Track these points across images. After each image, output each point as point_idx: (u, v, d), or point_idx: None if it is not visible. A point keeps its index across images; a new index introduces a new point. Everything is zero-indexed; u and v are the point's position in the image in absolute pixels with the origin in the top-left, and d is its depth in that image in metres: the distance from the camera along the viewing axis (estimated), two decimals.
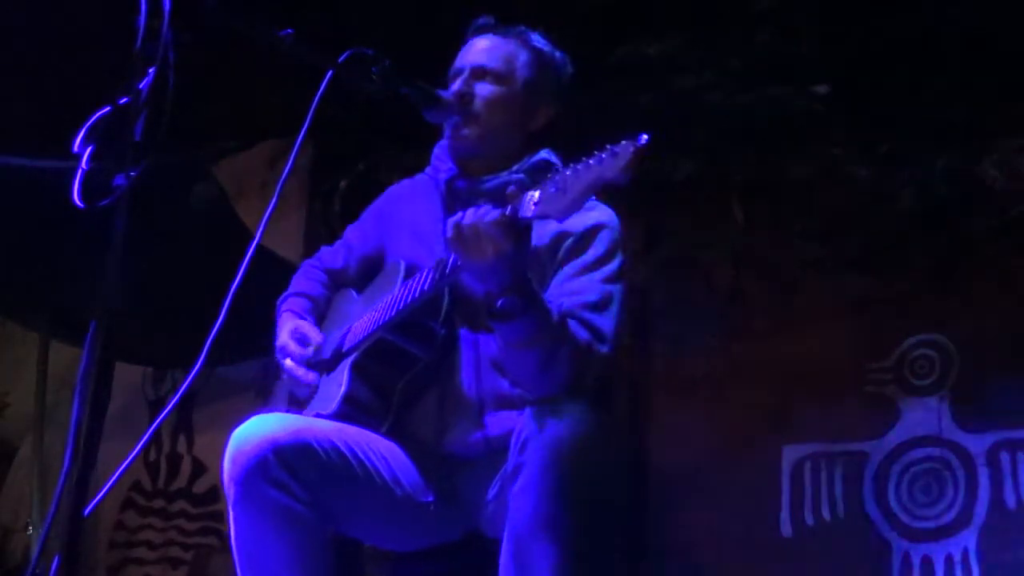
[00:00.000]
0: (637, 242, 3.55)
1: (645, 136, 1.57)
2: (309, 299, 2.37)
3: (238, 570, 1.92)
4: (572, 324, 1.93)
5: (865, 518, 3.29)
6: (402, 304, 2.01)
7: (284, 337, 2.24)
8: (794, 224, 3.52)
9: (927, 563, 3.15)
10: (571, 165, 1.65)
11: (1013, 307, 3.22)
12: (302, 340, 2.22)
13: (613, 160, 1.59)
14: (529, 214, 1.71)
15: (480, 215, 1.76)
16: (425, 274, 1.99)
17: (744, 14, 3.38)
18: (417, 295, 1.98)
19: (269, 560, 1.89)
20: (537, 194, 1.70)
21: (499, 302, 1.82)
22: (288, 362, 2.19)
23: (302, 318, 2.30)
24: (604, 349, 1.95)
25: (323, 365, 2.18)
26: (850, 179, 3.25)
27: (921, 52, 3.29)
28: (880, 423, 3.36)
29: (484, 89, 2.18)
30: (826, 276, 3.52)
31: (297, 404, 2.23)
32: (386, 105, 2.13)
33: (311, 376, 2.16)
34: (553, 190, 1.66)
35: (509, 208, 1.74)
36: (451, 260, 1.89)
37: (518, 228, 1.75)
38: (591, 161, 1.62)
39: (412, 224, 2.24)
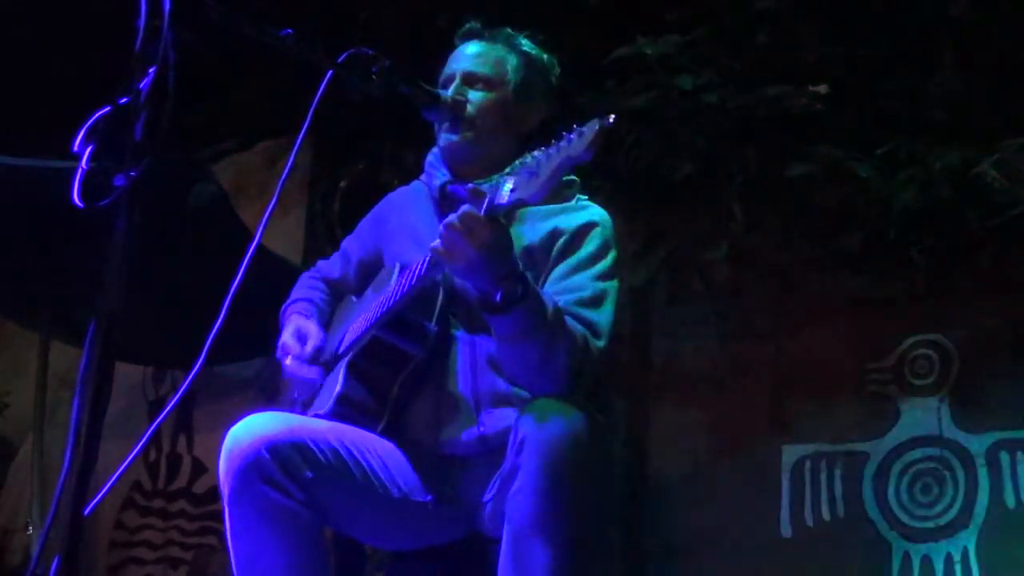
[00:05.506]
0: (637, 242, 3.55)
1: (613, 116, 1.62)
2: (312, 303, 2.39)
3: (234, 569, 1.92)
4: (567, 320, 1.93)
5: (865, 518, 3.29)
6: (392, 301, 2.02)
7: (285, 336, 2.25)
8: (794, 224, 3.52)
9: (927, 563, 3.15)
10: (543, 149, 1.70)
11: (1013, 307, 3.22)
12: (302, 338, 2.22)
13: (579, 139, 1.63)
14: (504, 201, 1.74)
15: (456, 213, 1.80)
16: (413, 269, 2.00)
17: (744, 14, 3.38)
18: (407, 289, 1.99)
19: (265, 559, 1.88)
20: (512, 181, 1.73)
21: (497, 295, 1.83)
22: (288, 360, 2.20)
23: (308, 318, 2.30)
24: (600, 343, 1.97)
25: (326, 362, 2.19)
26: (850, 179, 3.25)
27: (921, 52, 3.29)
28: (880, 423, 3.35)
29: (476, 95, 2.20)
30: (826, 276, 3.52)
31: (299, 405, 2.23)
32: (386, 105, 2.14)
33: (312, 372, 2.17)
34: (526, 175, 1.70)
35: (486, 201, 1.77)
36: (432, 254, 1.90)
37: (495, 217, 1.78)
38: (561, 143, 1.67)
39: (408, 229, 2.26)
